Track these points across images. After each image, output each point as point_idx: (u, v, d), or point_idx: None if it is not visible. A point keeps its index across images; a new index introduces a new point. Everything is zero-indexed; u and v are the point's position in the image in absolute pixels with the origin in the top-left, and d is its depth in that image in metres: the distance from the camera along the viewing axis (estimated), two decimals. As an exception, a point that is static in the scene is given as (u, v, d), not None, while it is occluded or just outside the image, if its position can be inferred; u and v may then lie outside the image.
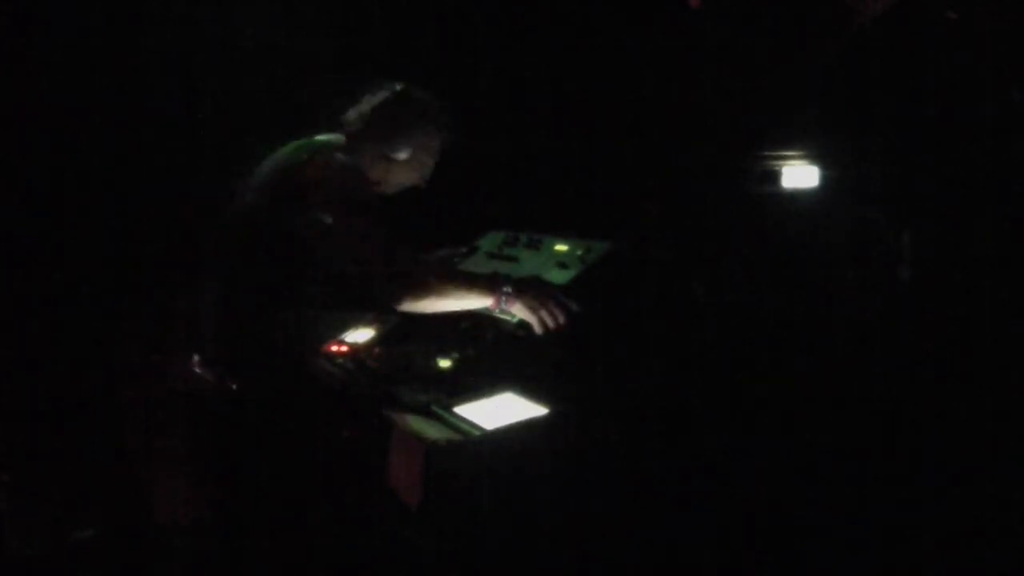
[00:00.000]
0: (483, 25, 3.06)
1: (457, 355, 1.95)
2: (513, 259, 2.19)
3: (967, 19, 2.11)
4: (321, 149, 1.98)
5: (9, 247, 2.79)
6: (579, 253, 2.05)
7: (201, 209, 2.44)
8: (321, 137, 2.04)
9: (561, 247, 2.12)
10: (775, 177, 2.45)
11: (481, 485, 1.60)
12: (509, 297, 1.86)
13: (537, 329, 1.86)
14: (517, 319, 1.89)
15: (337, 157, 1.95)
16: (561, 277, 1.98)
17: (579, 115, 2.90)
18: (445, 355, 1.95)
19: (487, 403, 1.78)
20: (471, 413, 1.73)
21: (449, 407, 1.75)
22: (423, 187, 2.15)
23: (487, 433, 1.64)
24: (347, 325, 2.18)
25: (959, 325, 2.08)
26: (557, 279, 1.98)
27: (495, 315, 1.90)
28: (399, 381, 1.87)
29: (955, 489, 1.95)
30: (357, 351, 2.08)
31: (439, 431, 1.66)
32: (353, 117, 2.05)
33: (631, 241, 2.07)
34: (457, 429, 1.66)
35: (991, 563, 1.88)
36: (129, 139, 2.89)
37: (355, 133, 2.04)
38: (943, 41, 2.15)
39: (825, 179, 2.42)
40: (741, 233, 2.45)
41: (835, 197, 2.40)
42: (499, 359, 1.92)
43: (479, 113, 2.72)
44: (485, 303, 1.87)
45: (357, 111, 2.05)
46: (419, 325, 2.01)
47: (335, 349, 2.09)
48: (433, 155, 2.11)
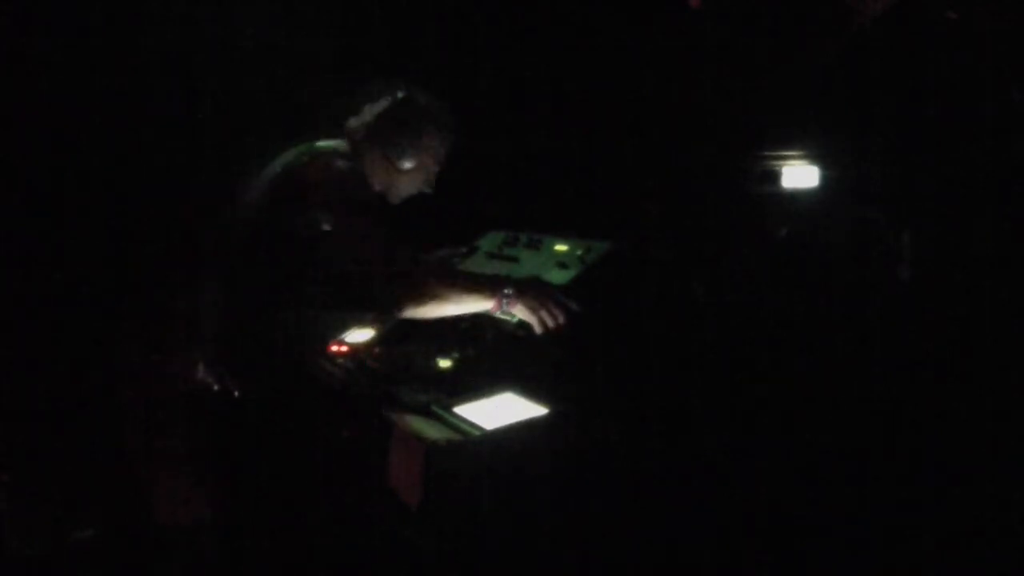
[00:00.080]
0: (483, 25, 3.06)
1: (457, 355, 1.96)
2: (513, 259, 2.19)
3: (967, 19, 2.10)
4: (323, 152, 1.98)
5: (9, 247, 2.79)
6: (579, 253, 2.05)
7: (201, 209, 2.44)
8: (324, 142, 2.03)
9: (561, 247, 2.12)
10: (775, 177, 2.44)
11: (481, 485, 1.60)
12: (510, 299, 1.86)
13: (537, 329, 1.86)
14: (517, 319, 1.89)
15: (339, 160, 1.95)
16: (561, 277, 1.98)
17: (579, 115, 2.90)
18: (445, 355, 1.95)
19: (487, 403, 1.78)
20: (471, 413, 1.73)
21: (449, 407, 1.75)
22: (429, 193, 2.15)
23: (487, 433, 1.64)
24: (347, 325, 2.18)
25: (959, 325, 2.07)
26: (557, 279, 1.98)
27: (495, 316, 1.90)
28: (399, 381, 1.87)
29: (955, 489, 1.94)
30: (357, 351, 2.08)
31: (439, 431, 1.66)
32: (356, 125, 2.03)
33: (631, 241, 2.07)
34: (457, 429, 1.66)
35: (991, 563, 1.88)
36: (129, 139, 2.89)
37: (359, 142, 2.03)
38: (943, 41, 2.15)
39: (825, 179, 2.42)
40: (741, 233, 2.45)
41: (835, 197, 2.40)
42: (499, 359, 1.92)
43: (479, 113, 2.72)
44: (486, 306, 1.87)
45: (360, 120, 2.03)
46: (419, 325, 2.01)
47: (335, 349, 2.09)
48: (439, 162, 2.10)
